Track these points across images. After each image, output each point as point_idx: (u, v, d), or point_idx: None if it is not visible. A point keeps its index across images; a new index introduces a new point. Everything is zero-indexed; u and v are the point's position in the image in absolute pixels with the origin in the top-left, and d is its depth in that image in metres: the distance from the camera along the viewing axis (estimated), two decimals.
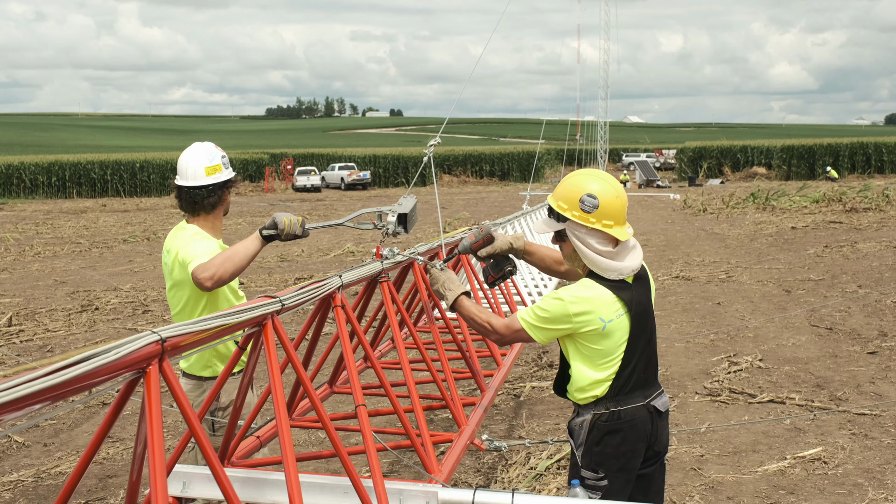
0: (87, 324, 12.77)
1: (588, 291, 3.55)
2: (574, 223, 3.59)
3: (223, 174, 4.63)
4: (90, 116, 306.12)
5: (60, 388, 1.81)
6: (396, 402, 3.63)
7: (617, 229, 3.58)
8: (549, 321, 3.57)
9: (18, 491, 6.58)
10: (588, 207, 3.54)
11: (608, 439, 3.62)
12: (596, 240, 3.57)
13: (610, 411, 3.62)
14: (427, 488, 3.17)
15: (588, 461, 3.64)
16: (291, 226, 4.21)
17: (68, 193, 59.27)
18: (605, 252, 3.58)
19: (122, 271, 18.87)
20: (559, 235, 3.71)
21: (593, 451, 3.63)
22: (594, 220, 3.55)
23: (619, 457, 3.62)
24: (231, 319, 2.50)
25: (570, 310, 3.51)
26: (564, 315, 3.53)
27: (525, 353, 10.49)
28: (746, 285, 14.97)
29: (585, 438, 3.66)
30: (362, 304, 4.57)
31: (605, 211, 3.55)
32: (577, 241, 3.60)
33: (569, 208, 3.60)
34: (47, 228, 31.09)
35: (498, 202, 42.03)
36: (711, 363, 9.68)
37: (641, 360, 3.65)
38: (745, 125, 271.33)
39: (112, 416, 2.16)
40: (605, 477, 3.61)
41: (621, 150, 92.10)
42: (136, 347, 2.02)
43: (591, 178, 3.64)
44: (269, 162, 68.36)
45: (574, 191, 3.60)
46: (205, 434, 2.24)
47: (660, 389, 3.78)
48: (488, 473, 6.65)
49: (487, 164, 72.03)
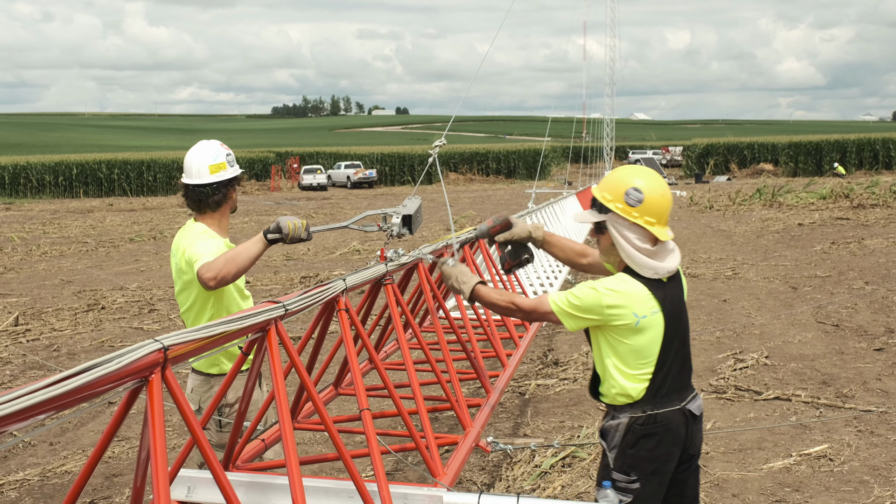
0: (93, 323, 12.80)
1: (623, 285, 3.53)
2: (616, 216, 3.56)
3: (228, 172, 4.64)
4: (97, 116, 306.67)
5: (63, 398, 1.82)
6: (401, 404, 3.64)
7: (658, 228, 3.55)
8: (580, 309, 3.54)
9: (24, 490, 6.61)
10: (632, 201, 3.51)
11: (643, 443, 3.58)
12: (636, 235, 3.54)
13: (647, 414, 3.58)
14: (432, 492, 3.18)
15: (621, 464, 3.60)
16: (296, 230, 4.21)
17: (75, 193, 59.37)
18: (644, 249, 3.55)
19: (129, 270, 18.91)
20: (599, 227, 3.67)
21: (627, 454, 3.59)
22: (637, 214, 3.52)
23: (653, 460, 3.59)
24: (234, 325, 2.50)
25: (604, 301, 3.49)
26: (597, 305, 3.50)
27: (531, 350, 10.49)
28: (753, 282, 14.94)
29: (620, 441, 3.61)
30: (367, 307, 4.57)
31: (648, 207, 3.52)
32: (616, 235, 3.57)
33: (613, 200, 3.56)
34: (54, 228, 31.16)
35: (504, 200, 42.01)
36: (717, 360, 9.67)
37: (676, 362, 3.62)
38: (753, 121, 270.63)
39: (115, 423, 2.17)
40: (638, 480, 3.57)
41: (628, 148, 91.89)
42: (138, 356, 2.02)
43: (639, 173, 3.62)
44: (275, 161, 68.40)
45: (620, 183, 3.57)
46: (207, 441, 2.24)
47: (694, 392, 3.75)
48: (493, 472, 6.66)
49: (493, 162, 71.98)
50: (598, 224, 3.66)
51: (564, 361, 9.89)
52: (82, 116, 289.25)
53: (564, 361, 9.89)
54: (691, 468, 3.81)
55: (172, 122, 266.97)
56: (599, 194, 3.63)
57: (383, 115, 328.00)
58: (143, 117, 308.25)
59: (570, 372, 9.42)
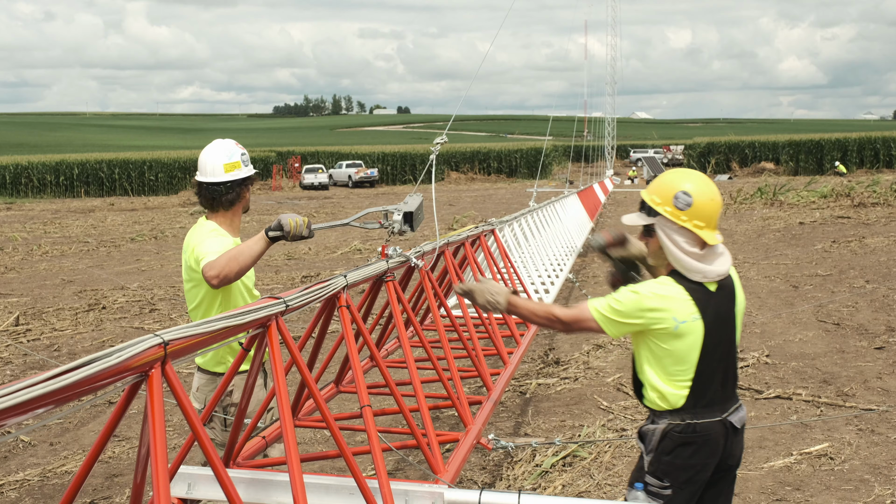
0: (94, 323, 12.80)
1: (665, 289, 3.49)
2: (664, 219, 3.52)
3: (242, 171, 4.65)
4: (98, 116, 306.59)
5: (62, 392, 1.82)
6: (402, 401, 3.63)
7: (707, 232, 3.51)
8: (623, 314, 3.49)
9: (24, 490, 6.61)
10: (681, 205, 3.48)
11: (680, 451, 3.53)
12: (684, 239, 3.50)
13: (685, 423, 3.53)
14: (433, 489, 3.17)
15: (655, 469, 3.55)
16: (297, 227, 4.18)
17: (76, 193, 59.41)
18: (692, 253, 3.50)
19: (130, 270, 18.92)
20: (647, 231, 3.64)
21: (662, 460, 3.54)
22: (685, 218, 3.49)
23: (688, 469, 3.54)
24: (235, 321, 2.50)
25: (645, 304, 3.45)
26: (638, 309, 3.46)
27: (532, 350, 10.48)
28: (754, 281, 14.94)
29: (657, 446, 3.56)
30: (368, 303, 4.57)
31: (697, 211, 3.49)
32: (664, 238, 3.53)
33: (661, 203, 3.53)
34: (55, 228, 31.17)
35: (505, 199, 42.01)
36: None
37: (719, 373, 3.57)
38: (754, 120, 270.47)
39: (115, 419, 2.16)
40: (670, 487, 3.52)
41: (629, 146, 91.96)
42: (138, 351, 2.02)
43: (688, 176, 3.58)
44: (277, 160, 68.38)
45: (669, 187, 3.53)
46: (207, 437, 2.24)
47: (738, 404, 3.71)
48: (494, 471, 6.65)
49: (495, 161, 72.01)
50: (647, 227, 3.62)
51: (566, 361, 9.88)
52: (83, 116, 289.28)
53: (566, 361, 9.88)
54: (728, 478, 3.77)
55: (174, 121, 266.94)
56: (648, 197, 3.59)
57: (385, 115, 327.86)
58: (145, 117, 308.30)
59: (571, 371, 9.42)
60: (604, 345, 10.54)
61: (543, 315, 3.70)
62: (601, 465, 6.58)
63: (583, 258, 17.23)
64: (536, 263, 10.42)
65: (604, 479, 6.29)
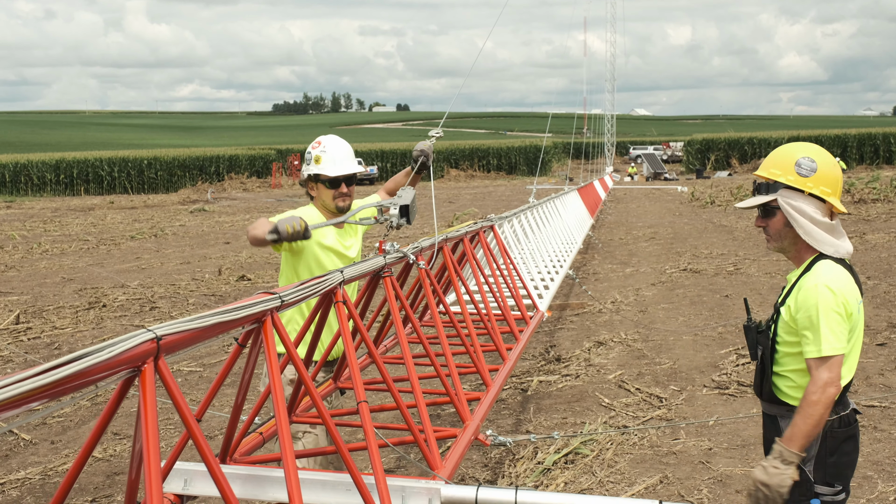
0: (94, 321, 12.78)
1: (833, 271, 3.27)
2: (788, 190, 3.31)
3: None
4: (98, 114, 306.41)
5: (52, 387, 1.79)
6: (399, 397, 3.61)
7: (835, 199, 3.29)
8: (844, 323, 3.21)
9: (25, 489, 6.59)
10: (805, 171, 3.28)
11: (844, 447, 3.31)
12: (813, 207, 3.29)
13: (840, 416, 3.30)
14: (430, 485, 3.15)
15: (822, 475, 3.28)
16: (294, 232, 4.35)
17: (76, 191, 59.42)
18: (824, 224, 3.29)
19: (130, 268, 18.89)
20: (766, 210, 3.42)
21: (828, 463, 3.28)
22: (811, 184, 3.28)
23: (851, 465, 3.35)
24: (229, 316, 2.47)
25: (840, 299, 3.21)
26: (845, 312, 3.22)
27: (532, 346, 10.46)
28: (755, 277, 14.91)
29: (817, 450, 3.28)
30: (366, 299, 4.54)
31: (822, 176, 3.28)
32: (790, 210, 3.31)
33: (783, 173, 3.33)
34: (55, 226, 31.15)
35: (505, 196, 41.97)
36: (720, 356, 9.64)
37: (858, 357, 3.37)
38: (753, 117, 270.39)
39: (108, 414, 2.14)
40: (843, 490, 3.31)
41: (628, 143, 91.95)
42: (130, 346, 1.99)
43: (804, 146, 3.41)
44: (276, 158, 68.36)
45: (788, 156, 3.35)
46: (200, 432, 2.22)
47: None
48: (495, 468, 6.63)
49: (494, 158, 71.99)
50: (766, 207, 3.41)
51: (566, 358, 9.86)
52: (83, 114, 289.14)
53: (566, 358, 9.86)
54: None
55: (174, 119, 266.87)
56: (766, 172, 3.39)
57: (384, 112, 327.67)
58: (145, 115, 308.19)
59: (572, 368, 9.39)
60: (605, 342, 10.52)
61: (823, 408, 3.18)
62: (603, 462, 6.56)
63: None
64: (536, 260, 10.39)
65: (606, 477, 6.27)
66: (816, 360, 3.19)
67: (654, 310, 12.57)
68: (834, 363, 3.18)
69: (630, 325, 11.52)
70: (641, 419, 7.59)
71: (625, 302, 13.23)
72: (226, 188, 56.78)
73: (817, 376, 3.17)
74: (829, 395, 3.16)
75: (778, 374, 3.43)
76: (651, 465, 6.52)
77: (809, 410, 3.16)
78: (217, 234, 26.52)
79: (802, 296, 3.29)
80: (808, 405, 3.17)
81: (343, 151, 5.04)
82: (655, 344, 10.42)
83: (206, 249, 22.14)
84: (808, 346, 3.23)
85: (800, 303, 3.30)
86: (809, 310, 3.24)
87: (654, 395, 8.28)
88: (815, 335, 3.20)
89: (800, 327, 3.29)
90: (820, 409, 3.16)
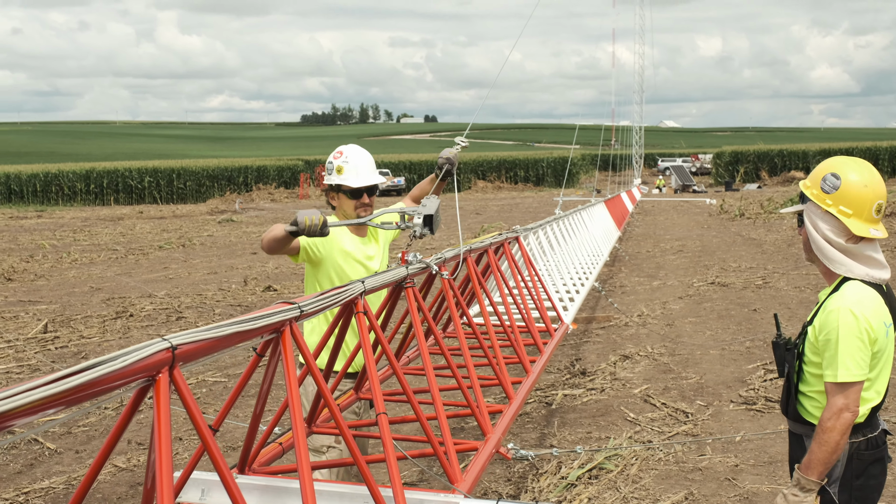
0: (121, 330, 12.86)
1: (860, 294, 3.20)
2: (812, 204, 3.28)
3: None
4: (128, 124, 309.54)
5: (66, 395, 1.78)
6: (419, 409, 3.57)
7: (854, 221, 3.19)
8: (865, 349, 3.15)
9: (50, 498, 6.61)
10: (828, 187, 3.22)
11: (871, 470, 3.24)
12: (828, 226, 3.23)
13: (867, 438, 3.24)
14: (449, 498, 3.11)
15: (847, 497, 3.23)
16: (312, 224, 4.29)
17: (106, 201, 60.00)
18: (837, 243, 3.22)
19: (157, 278, 19.02)
20: (800, 221, 3.39)
21: (853, 486, 3.22)
22: (830, 202, 3.21)
23: (879, 488, 3.28)
24: (246, 326, 2.46)
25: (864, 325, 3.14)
26: (869, 339, 3.14)
27: (557, 359, 10.39)
28: (783, 291, 14.75)
29: (842, 472, 3.23)
30: (388, 310, 4.52)
31: (845, 196, 3.19)
32: (808, 224, 3.28)
33: (811, 186, 3.29)
34: (84, 235, 31.44)
35: (532, 208, 41.89)
36: (747, 371, 9.53)
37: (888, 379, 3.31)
38: (784, 129, 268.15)
39: (122, 423, 2.13)
40: None
41: (657, 155, 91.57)
42: (145, 355, 1.98)
43: (845, 161, 3.31)
44: (304, 168, 68.67)
45: (822, 170, 3.29)
46: (215, 443, 2.20)
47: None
48: (518, 483, 6.57)
49: (522, 170, 71.91)
50: (801, 217, 3.38)
51: (592, 371, 9.78)
52: (114, 125, 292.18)
53: (592, 371, 9.78)
54: None
55: (203, 130, 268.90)
56: (804, 181, 3.37)
57: (412, 123, 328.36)
58: (174, 125, 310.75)
59: (597, 382, 9.32)
60: (631, 356, 10.43)
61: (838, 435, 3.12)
62: (628, 478, 6.49)
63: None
64: (562, 271, 10.33)
65: (630, 493, 6.20)
66: (833, 385, 3.14)
67: (681, 323, 12.46)
68: (851, 390, 3.12)
69: (657, 338, 11.42)
70: (667, 434, 7.50)
71: (651, 315, 13.13)
72: (254, 198, 57.15)
73: (833, 402, 3.13)
74: (845, 422, 3.10)
75: (804, 393, 3.38)
76: (676, 482, 6.44)
77: (825, 437, 3.12)
78: (244, 244, 26.65)
79: (826, 317, 3.24)
80: (822, 431, 3.13)
81: (365, 162, 5.03)
82: (682, 358, 10.31)
83: (233, 259, 22.25)
84: (826, 370, 3.19)
85: (823, 324, 3.25)
86: (830, 333, 3.18)
87: (680, 409, 8.19)
88: (833, 359, 3.15)
89: (821, 349, 3.24)
90: (835, 435, 3.10)
